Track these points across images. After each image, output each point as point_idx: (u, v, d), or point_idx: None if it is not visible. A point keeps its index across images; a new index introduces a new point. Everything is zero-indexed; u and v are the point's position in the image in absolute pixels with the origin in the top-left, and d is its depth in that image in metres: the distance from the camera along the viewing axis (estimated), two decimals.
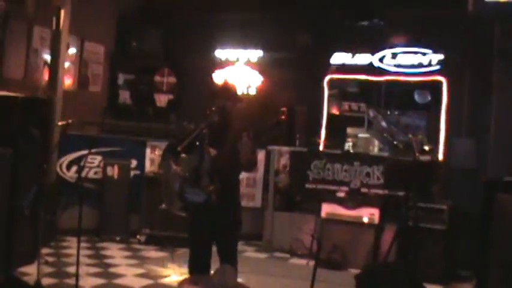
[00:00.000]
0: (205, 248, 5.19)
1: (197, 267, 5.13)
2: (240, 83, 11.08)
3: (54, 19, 9.13)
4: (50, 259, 7.54)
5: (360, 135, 10.64)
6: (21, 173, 6.72)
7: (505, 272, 5.92)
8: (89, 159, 9.03)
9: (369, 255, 8.19)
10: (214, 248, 5.19)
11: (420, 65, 10.10)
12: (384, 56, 10.40)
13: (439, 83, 9.84)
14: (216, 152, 4.96)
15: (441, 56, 9.91)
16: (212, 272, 4.74)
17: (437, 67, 9.94)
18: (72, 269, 6.70)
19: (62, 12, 9.14)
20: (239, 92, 10.57)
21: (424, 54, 10.09)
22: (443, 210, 7.96)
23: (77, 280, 5.74)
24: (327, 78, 10.77)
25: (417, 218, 7.48)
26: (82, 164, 6.46)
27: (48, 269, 6.99)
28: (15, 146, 6.72)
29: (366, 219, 8.39)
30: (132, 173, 9.52)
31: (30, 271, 6.56)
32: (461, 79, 9.65)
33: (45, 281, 6.32)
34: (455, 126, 9.59)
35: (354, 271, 6.94)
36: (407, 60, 10.21)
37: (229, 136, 4.99)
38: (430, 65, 10.03)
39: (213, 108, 5.14)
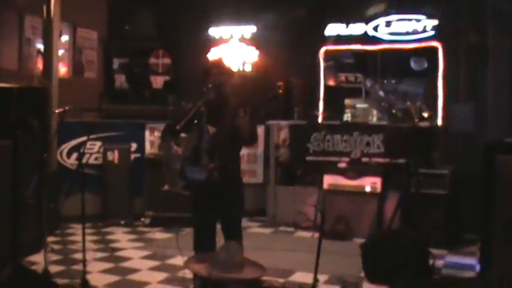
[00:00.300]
0: (209, 226, 5.21)
1: (202, 245, 5.15)
2: (235, 60, 11.06)
3: (44, 7, 9.07)
4: (56, 247, 7.58)
5: (358, 105, 10.62)
6: (21, 164, 6.73)
7: (509, 232, 5.94)
8: (88, 145, 9.07)
9: (373, 224, 8.23)
10: (219, 226, 5.22)
11: (415, 32, 10.04)
12: (378, 25, 10.34)
13: (435, 49, 9.78)
14: (214, 130, 4.95)
15: (435, 22, 9.85)
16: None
17: (432, 33, 9.88)
18: (78, 255, 6.72)
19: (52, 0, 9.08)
20: (234, 69, 10.58)
21: (418, 20, 10.02)
22: (445, 175, 7.97)
23: (84, 266, 5.78)
24: (322, 50, 10.72)
25: (419, 184, 7.49)
26: (82, 150, 6.46)
27: (55, 257, 7.03)
28: (14, 137, 6.70)
29: (368, 189, 8.41)
30: (133, 156, 9.53)
31: (37, 260, 6.59)
32: (457, 44, 9.60)
33: (53, 268, 6.36)
34: (453, 91, 9.56)
35: (359, 241, 6.97)
36: (401, 28, 10.14)
37: (227, 112, 4.98)
38: (424, 31, 9.96)
39: (209, 86, 5.13)
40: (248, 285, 4.15)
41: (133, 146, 9.56)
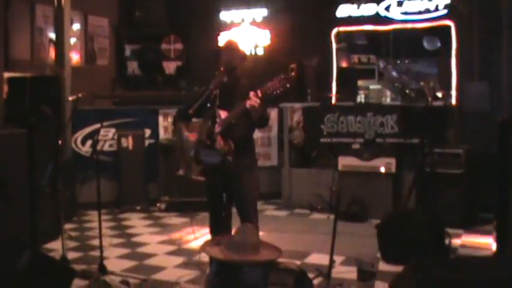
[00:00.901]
0: (224, 209, 5.21)
1: (218, 229, 5.16)
2: (246, 43, 11.04)
3: None
4: (73, 234, 7.65)
5: (372, 86, 10.58)
6: (37, 152, 6.78)
7: None
8: (102, 132, 9.11)
9: (388, 205, 8.21)
10: (234, 210, 5.23)
11: (427, 11, 9.96)
12: (389, 5, 10.26)
13: (448, 27, 9.70)
14: (226, 113, 4.95)
15: (448, 0, 9.76)
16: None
17: (445, 11, 9.79)
18: (95, 242, 6.79)
19: None
20: (246, 51, 10.55)
21: None
22: (460, 155, 7.92)
23: (101, 252, 5.82)
24: (334, 31, 10.67)
25: (434, 164, 7.46)
26: (96, 137, 6.50)
27: (72, 244, 7.09)
28: (28, 126, 6.75)
29: (383, 169, 8.38)
30: (147, 142, 9.55)
31: (55, 247, 6.67)
32: (469, 22, 9.51)
33: (71, 255, 6.41)
34: (466, 70, 9.48)
35: (375, 221, 6.96)
36: (413, 7, 10.07)
37: (239, 95, 4.97)
38: (437, 9, 9.88)
39: (221, 69, 5.12)
40: (264, 268, 4.17)
41: (147, 132, 9.58)
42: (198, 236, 6.99)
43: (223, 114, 4.95)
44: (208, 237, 5.31)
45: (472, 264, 3.81)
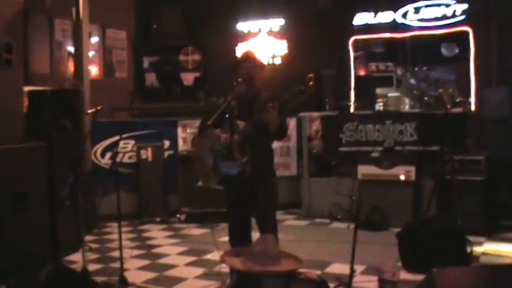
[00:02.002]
0: (243, 219, 5.21)
1: (237, 239, 5.16)
2: (264, 53, 11.07)
3: (73, 10, 9.17)
4: (94, 246, 7.68)
5: (390, 94, 10.54)
6: (57, 165, 6.83)
7: None
8: (122, 144, 9.15)
9: (408, 213, 8.15)
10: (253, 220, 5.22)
11: (444, 17, 9.93)
12: (406, 12, 10.25)
13: (466, 33, 9.65)
14: (244, 123, 4.94)
15: (465, 6, 9.72)
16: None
17: (463, 17, 9.75)
18: (116, 253, 6.81)
19: (81, 1, 9.17)
20: (263, 61, 10.57)
21: (447, 5, 9.91)
22: (480, 161, 7.84)
23: (122, 263, 5.83)
24: (351, 39, 10.67)
25: (454, 171, 7.40)
26: (115, 149, 6.51)
27: (93, 256, 7.12)
28: (48, 139, 6.81)
29: (402, 177, 8.33)
30: (166, 153, 9.58)
31: (76, 259, 6.70)
32: (488, 27, 9.46)
33: (91, 267, 6.42)
34: (485, 75, 9.43)
35: (395, 230, 6.91)
36: (430, 14, 10.05)
37: (257, 106, 4.97)
38: (454, 16, 9.85)
39: (239, 79, 5.12)
40: (285, 278, 4.15)
41: (166, 143, 9.61)
42: (218, 247, 6.99)
43: (241, 124, 4.95)
44: (228, 247, 5.30)
45: (494, 272, 3.77)
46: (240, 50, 11.05)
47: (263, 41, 11.28)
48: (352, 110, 10.16)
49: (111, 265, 6.69)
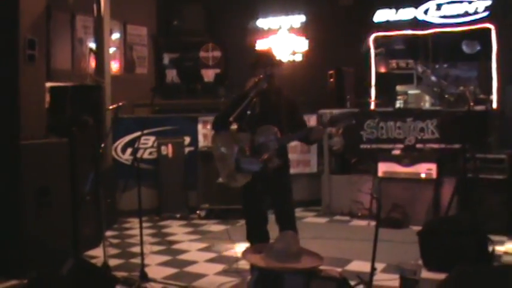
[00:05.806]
0: (261, 216, 5.22)
1: (255, 236, 5.17)
2: (284, 50, 11.06)
3: (95, 6, 9.22)
4: (115, 241, 7.72)
5: (410, 91, 10.51)
6: (78, 161, 6.87)
7: None
8: (142, 140, 9.17)
9: (430, 211, 8.11)
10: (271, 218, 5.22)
11: (466, 14, 9.86)
12: (428, 9, 10.19)
13: (488, 30, 9.57)
14: (279, 131, 5.00)
15: (488, 2, 9.64)
16: (272, 240, 4.76)
17: (485, 14, 9.67)
18: (136, 249, 6.83)
19: None
20: (284, 59, 10.58)
21: (470, 2, 9.84)
22: (503, 160, 7.75)
23: (142, 259, 5.85)
24: (372, 36, 10.63)
25: (476, 170, 7.35)
26: (136, 145, 6.53)
27: (113, 251, 7.14)
28: (70, 135, 6.85)
29: (423, 175, 8.29)
30: (187, 149, 9.60)
31: (96, 254, 6.73)
32: (510, 24, 9.37)
33: (112, 262, 6.45)
34: (507, 73, 9.35)
35: (416, 228, 6.88)
36: (452, 10, 9.98)
37: (278, 103, 4.98)
38: (476, 12, 9.78)
39: (261, 76, 5.11)
40: (305, 275, 4.15)
41: (187, 139, 9.63)
42: (237, 243, 7.00)
43: (276, 130, 4.97)
44: (248, 244, 5.30)
45: None
46: (260, 47, 11.05)
47: (283, 37, 11.26)
48: (372, 107, 10.13)
49: (131, 260, 6.71)
